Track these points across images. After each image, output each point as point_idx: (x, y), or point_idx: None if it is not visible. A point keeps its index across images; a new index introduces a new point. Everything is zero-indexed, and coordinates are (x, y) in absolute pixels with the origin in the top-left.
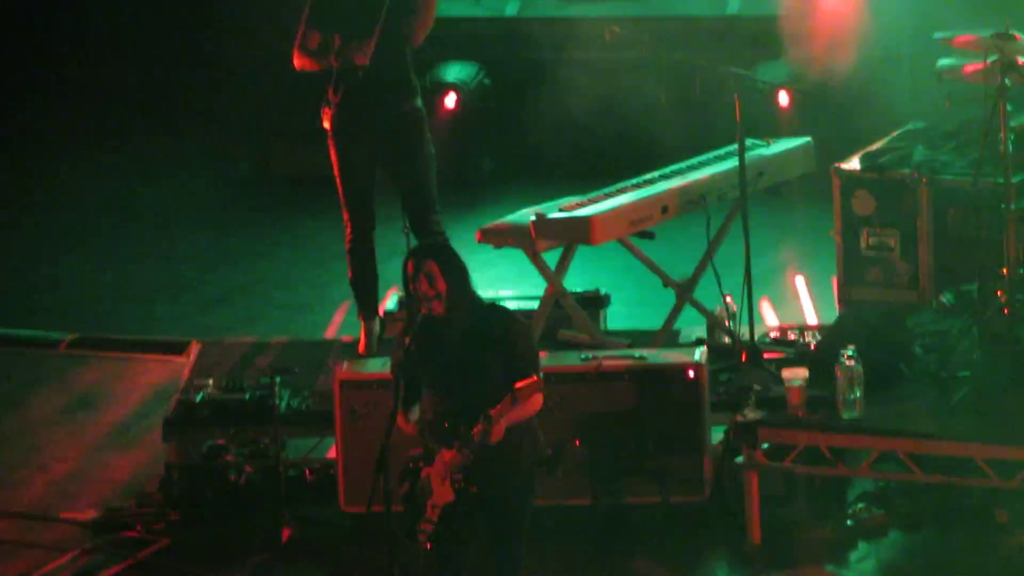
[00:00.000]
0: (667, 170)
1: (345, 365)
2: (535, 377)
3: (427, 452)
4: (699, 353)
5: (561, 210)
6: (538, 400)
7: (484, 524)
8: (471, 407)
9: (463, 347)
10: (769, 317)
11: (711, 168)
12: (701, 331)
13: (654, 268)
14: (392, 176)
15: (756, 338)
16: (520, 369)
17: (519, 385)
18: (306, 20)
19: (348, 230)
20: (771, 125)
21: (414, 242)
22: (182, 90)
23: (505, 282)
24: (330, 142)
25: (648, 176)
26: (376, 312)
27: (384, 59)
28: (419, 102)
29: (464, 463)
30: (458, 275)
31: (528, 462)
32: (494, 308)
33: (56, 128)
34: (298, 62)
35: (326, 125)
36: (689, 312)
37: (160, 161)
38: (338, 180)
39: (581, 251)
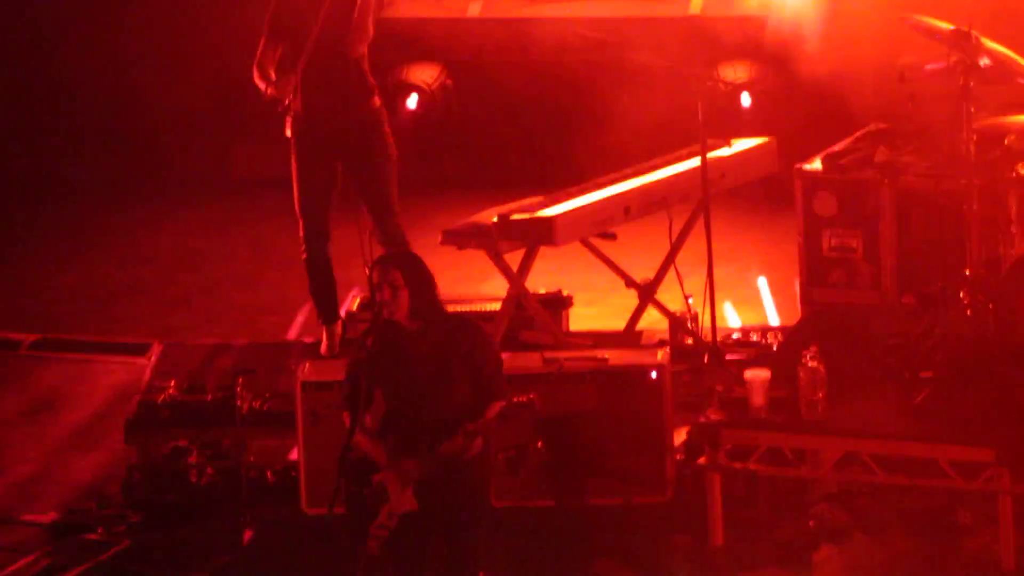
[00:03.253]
0: (629, 171)
1: (307, 367)
2: (505, 401)
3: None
4: (661, 354)
5: (523, 211)
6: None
7: (441, 534)
8: (433, 418)
9: (428, 359)
10: (731, 318)
11: (673, 169)
12: (664, 332)
13: (616, 269)
14: (354, 178)
15: (718, 339)
16: (486, 382)
17: (499, 406)
18: (267, 34)
19: (303, 243)
20: (733, 126)
21: (376, 244)
22: (143, 91)
23: (467, 284)
24: (292, 150)
25: (610, 177)
26: (336, 317)
27: (339, 62)
28: (378, 101)
29: (427, 474)
30: (422, 286)
31: (481, 470)
32: (460, 321)
33: (14, 130)
34: (256, 82)
35: (288, 133)
36: (652, 313)
37: (120, 162)
38: (296, 189)
39: (543, 252)
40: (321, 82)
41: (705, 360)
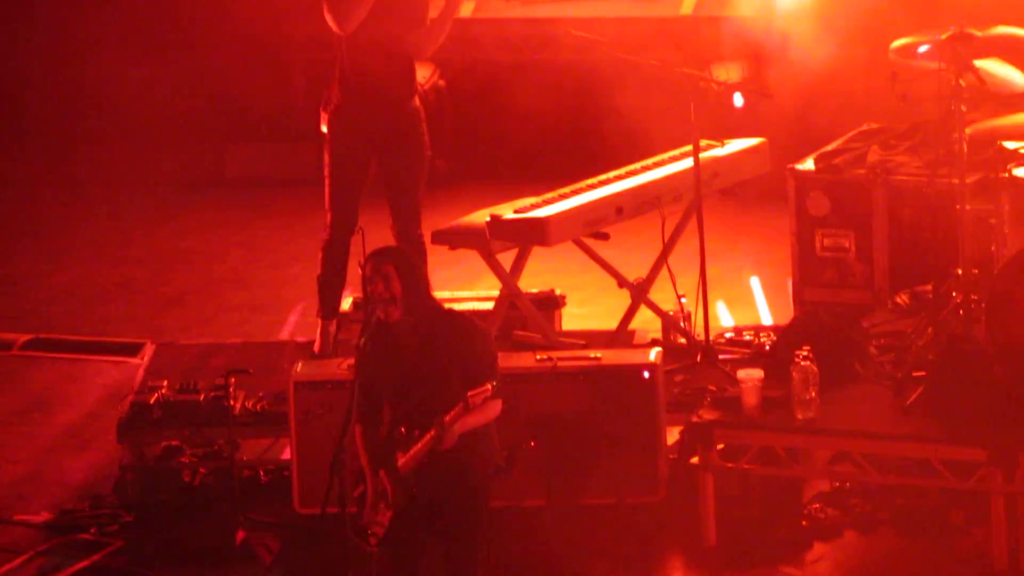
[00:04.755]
0: (622, 171)
1: (300, 366)
2: (489, 385)
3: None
4: (654, 354)
5: (516, 211)
6: (496, 406)
7: (439, 529)
8: (428, 412)
9: (420, 353)
10: (724, 318)
11: (666, 169)
12: (656, 332)
13: (609, 269)
14: (385, 176)
15: (711, 339)
16: (476, 376)
17: (471, 393)
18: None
19: (329, 230)
20: (726, 126)
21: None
22: (137, 90)
23: (460, 283)
24: (326, 143)
25: (603, 177)
26: (336, 313)
27: (393, 60)
28: (418, 101)
29: (415, 467)
30: (415, 279)
31: (483, 467)
32: (452, 314)
33: (6, 129)
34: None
35: (324, 129)
36: (644, 313)
37: (114, 161)
38: (328, 181)
39: (536, 252)
40: (370, 77)
41: (698, 360)
